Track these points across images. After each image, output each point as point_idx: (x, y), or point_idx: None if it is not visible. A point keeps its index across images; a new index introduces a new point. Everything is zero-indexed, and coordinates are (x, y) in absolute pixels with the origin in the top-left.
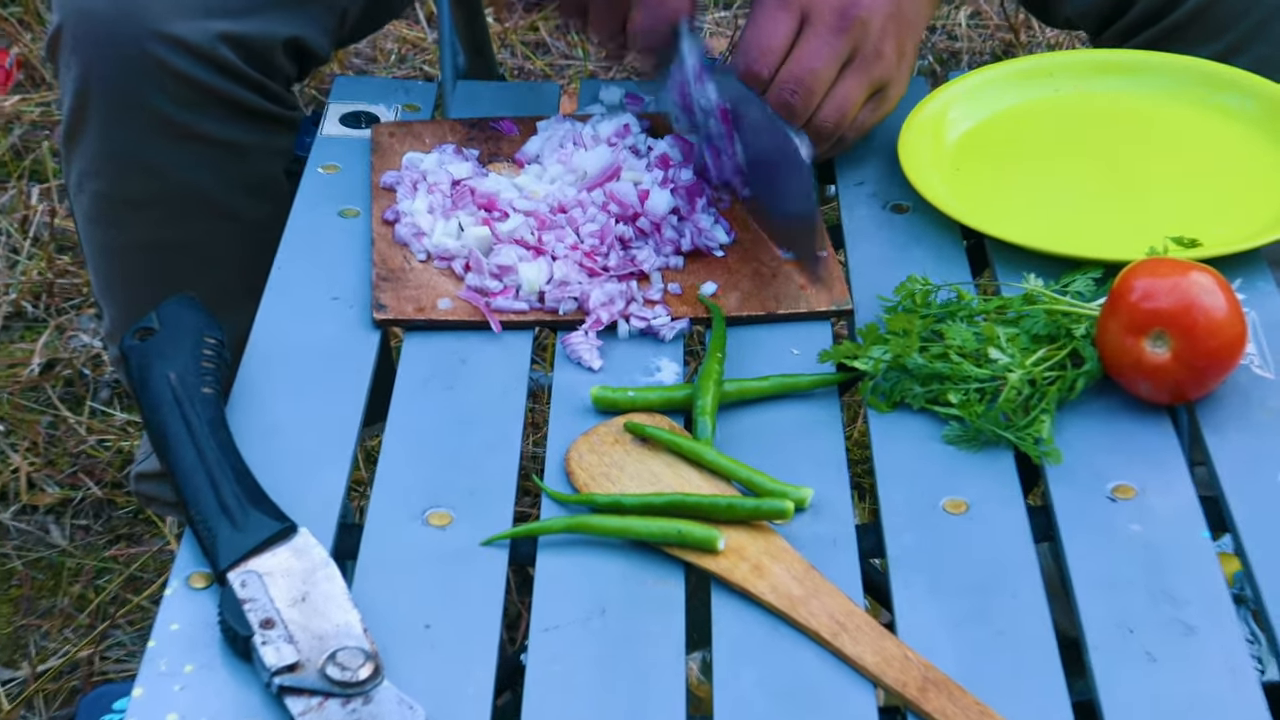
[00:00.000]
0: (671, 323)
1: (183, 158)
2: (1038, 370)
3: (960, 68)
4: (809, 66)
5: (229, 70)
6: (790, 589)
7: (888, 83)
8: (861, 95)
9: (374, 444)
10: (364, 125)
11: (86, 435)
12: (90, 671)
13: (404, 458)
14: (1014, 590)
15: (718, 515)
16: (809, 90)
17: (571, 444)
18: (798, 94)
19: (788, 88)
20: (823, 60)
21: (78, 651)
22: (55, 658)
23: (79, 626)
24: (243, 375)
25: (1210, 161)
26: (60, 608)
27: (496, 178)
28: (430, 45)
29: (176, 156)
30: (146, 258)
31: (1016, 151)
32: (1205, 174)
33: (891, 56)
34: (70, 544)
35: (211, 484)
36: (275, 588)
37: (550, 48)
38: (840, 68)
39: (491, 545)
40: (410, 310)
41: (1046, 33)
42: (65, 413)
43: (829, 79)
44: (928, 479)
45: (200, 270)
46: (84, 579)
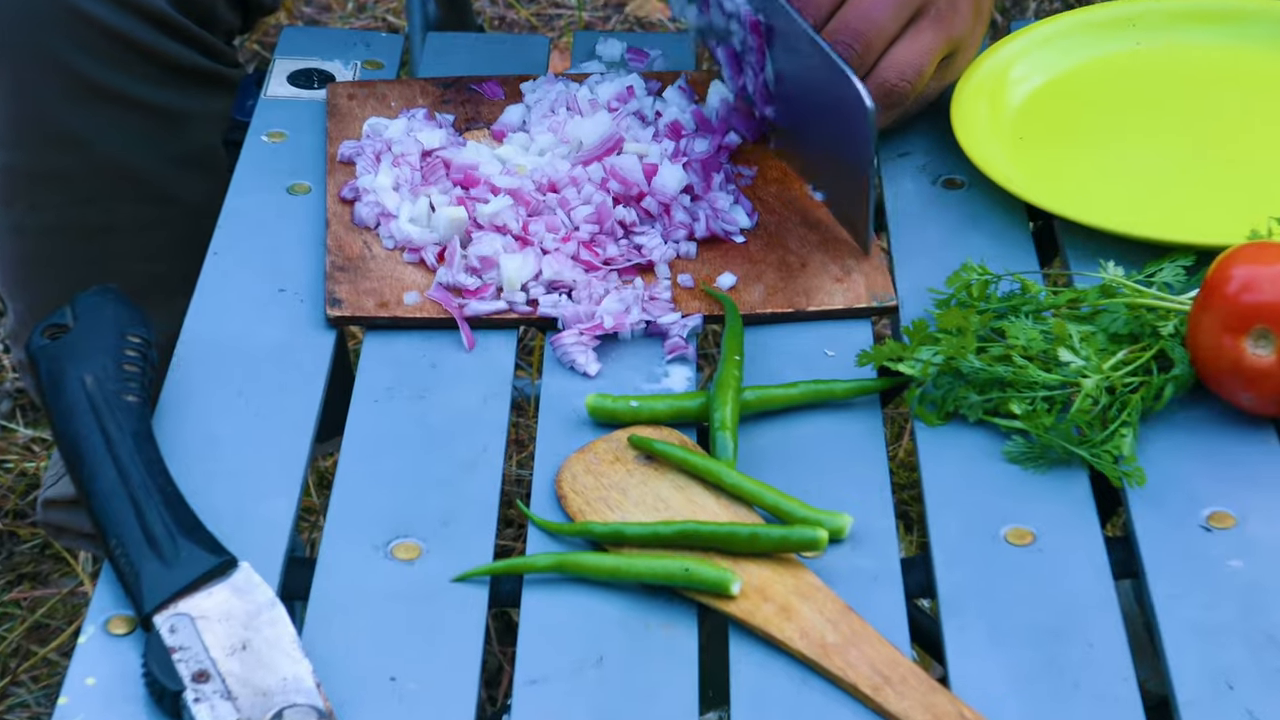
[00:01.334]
0: (682, 320)
1: (105, 125)
2: (1117, 376)
3: (1026, 17)
4: (868, 15)
5: (161, 21)
6: (824, 635)
7: (960, 46)
8: (933, 56)
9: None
10: (316, 85)
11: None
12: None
13: (364, 480)
14: (1089, 638)
15: (738, 547)
16: (867, 43)
17: (563, 464)
18: (853, 46)
19: (842, 38)
20: (884, 9)
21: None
22: None
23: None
24: (172, 381)
25: None
26: None
27: (477, 148)
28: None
29: (98, 124)
30: (60, 243)
31: (1092, 116)
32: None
33: (967, 14)
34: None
35: (135, 510)
36: (211, 634)
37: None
38: (906, 21)
39: (467, 582)
40: (371, 306)
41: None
42: None
43: (891, 33)
44: (986, 504)
45: (124, 257)
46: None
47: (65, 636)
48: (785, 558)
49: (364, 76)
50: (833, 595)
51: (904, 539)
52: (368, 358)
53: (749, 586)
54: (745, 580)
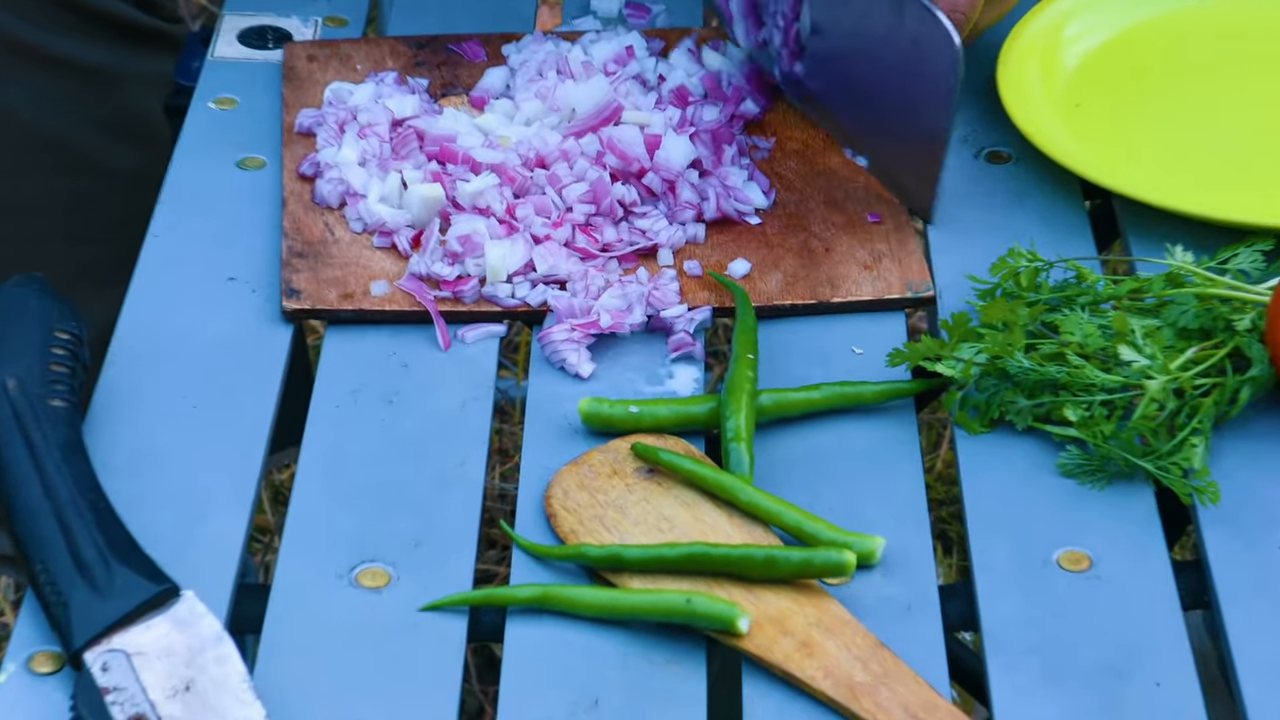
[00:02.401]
0: (689, 313)
1: (30, 89)
2: (1186, 377)
3: None
4: None
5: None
6: (851, 673)
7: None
8: None
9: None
10: (271, 45)
11: None
12: None
13: (325, 496)
14: (1155, 676)
15: (753, 572)
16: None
17: (553, 478)
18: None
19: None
20: None
21: None
22: None
23: None
24: (106, 382)
25: None
26: None
27: (455, 116)
28: None
29: (21, 88)
30: None
31: (1157, 80)
32: None
33: None
34: None
35: (63, 531)
36: (149, 672)
37: None
38: None
39: (443, 613)
40: (333, 297)
41: None
42: None
43: None
44: (1036, 525)
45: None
46: None
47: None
48: (807, 585)
49: (326, 35)
50: (861, 628)
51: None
52: (330, 356)
53: (765, 618)
54: (761, 611)
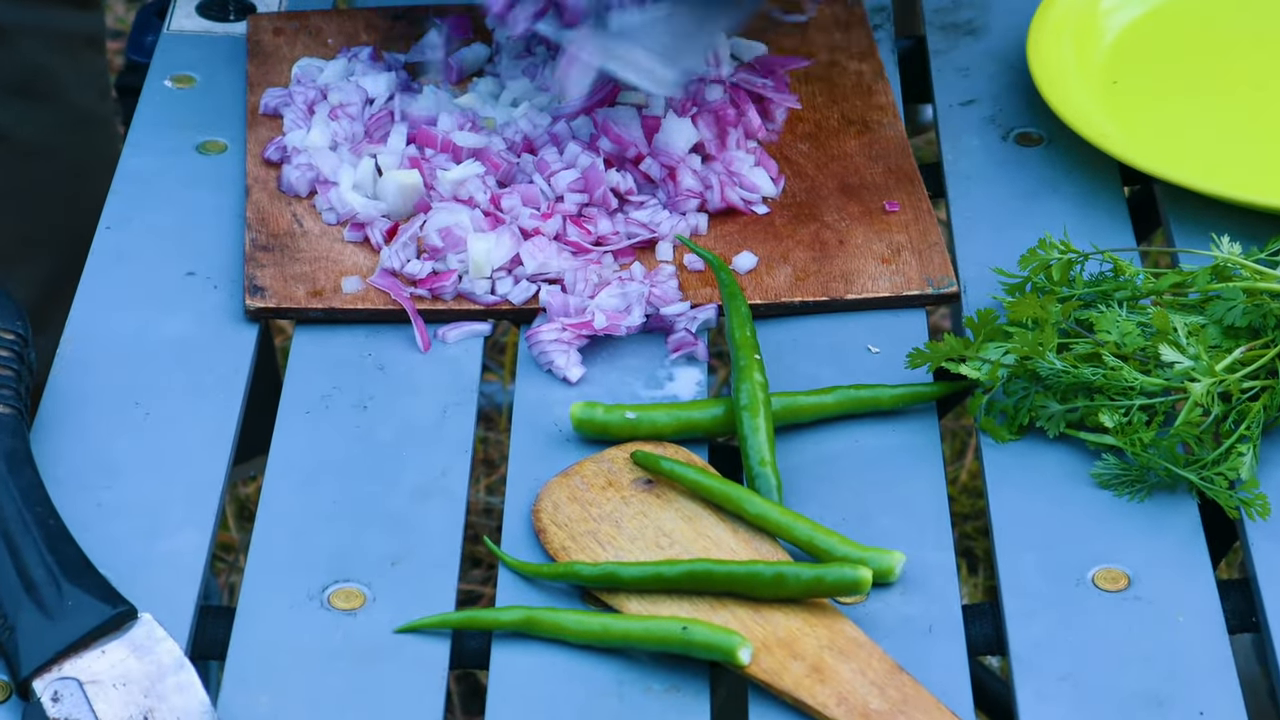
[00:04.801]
0: (691, 311)
1: None
2: (1233, 379)
3: None
4: None
5: None
6: (866, 700)
7: None
8: None
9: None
10: (233, 17)
11: None
12: None
13: (294, 510)
14: (1199, 705)
15: (760, 591)
16: None
17: (542, 490)
18: None
19: None
20: None
21: None
22: None
23: None
24: (55, 388)
25: None
26: None
27: (434, 95)
28: None
29: None
30: None
31: (1201, 57)
32: None
33: None
34: None
35: (8, 549)
36: (104, 702)
37: None
38: None
39: (423, 637)
40: (301, 294)
41: None
42: None
43: None
44: (1069, 540)
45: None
46: None
47: None
48: (819, 605)
49: (293, 7)
50: (878, 651)
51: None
52: (298, 358)
53: (774, 641)
54: (770, 633)
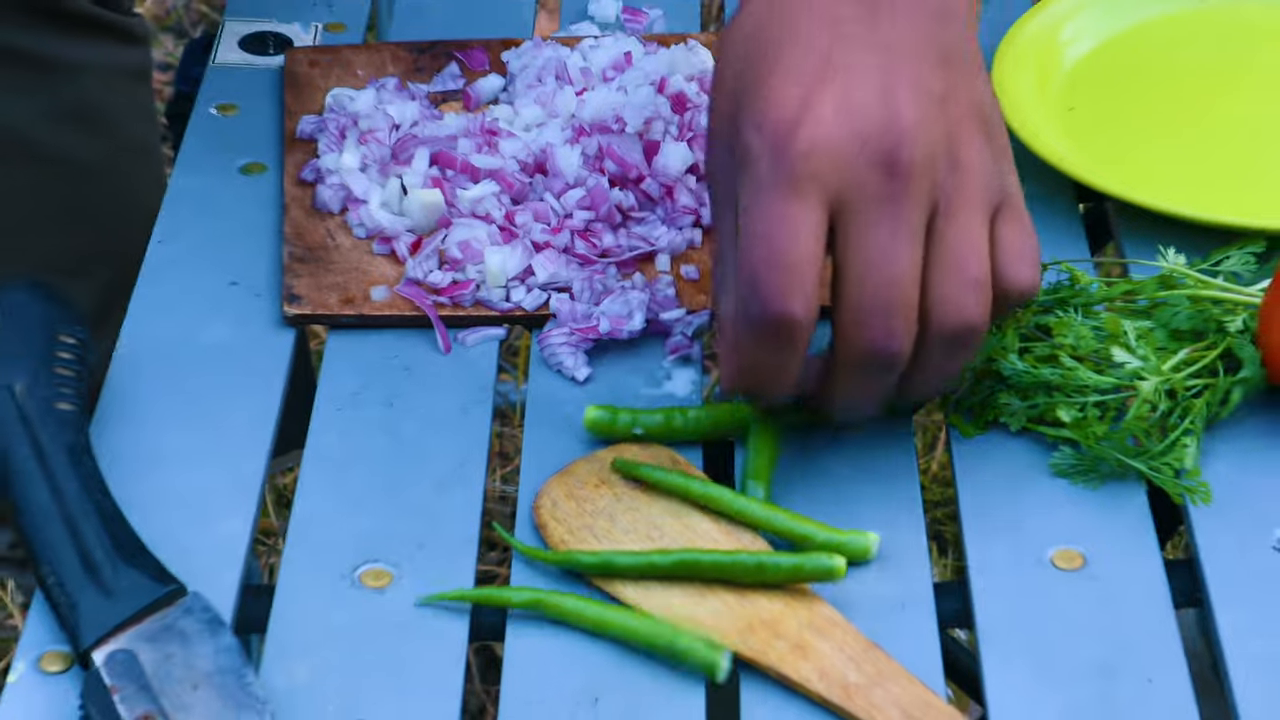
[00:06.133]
0: (687, 317)
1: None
2: (1179, 378)
3: None
4: (885, 275)
5: None
6: (845, 674)
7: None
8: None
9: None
10: (272, 50)
11: None
12: None
13: (328, 498)
14: (1147, 674)
15: (744, 578)
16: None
17: (541, 488)
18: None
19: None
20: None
21: None
22: None
23: None
24: (112, 387)
25: None
26: None
27: (455, 121)
28: None
29: None
30: None
31: (1152, 84)
32: None
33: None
34: None
35: (71, 533)
36: (156, 671)
37: None
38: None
39: (446, 613)
40: (334, 302)
41: None
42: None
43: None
44: (1030, 524)
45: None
46: None
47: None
48: (798, 589)
49: (326, 41)
50: (853, 630)
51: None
52: (331, 360)
53: (758, 621)
54: (754, 615)
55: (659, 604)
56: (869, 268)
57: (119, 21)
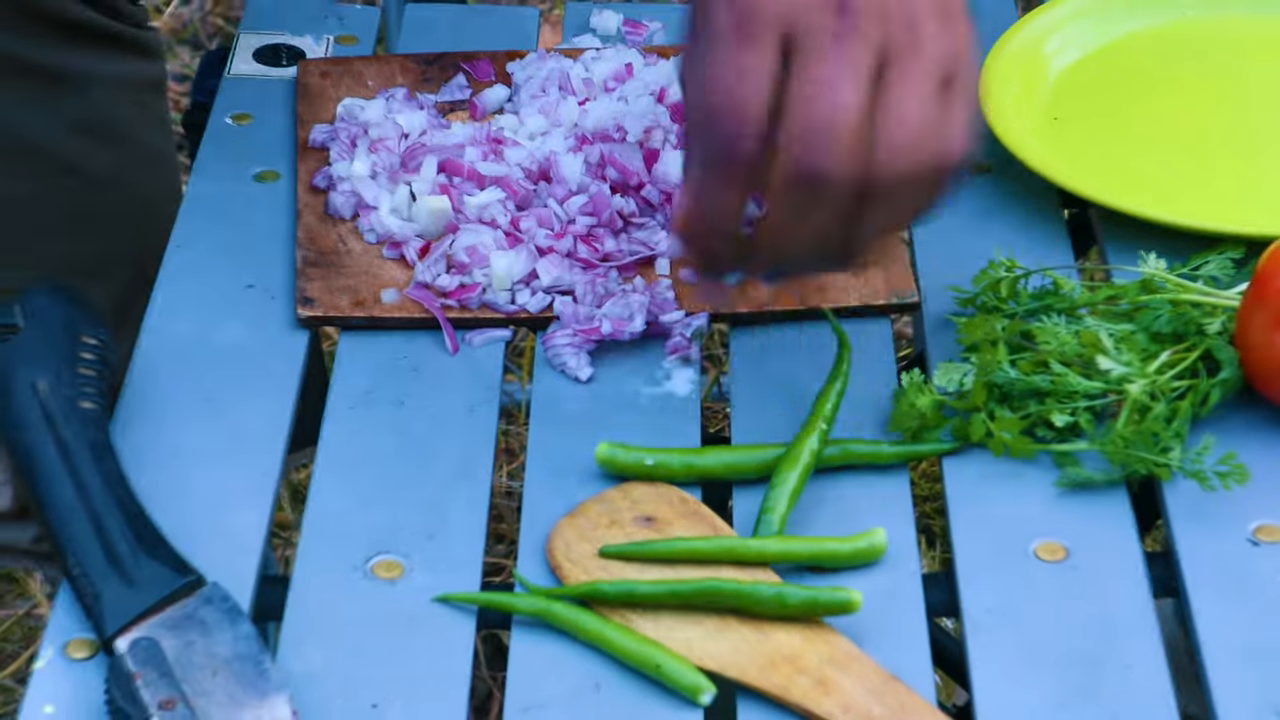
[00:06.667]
0: (686, 319)
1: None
2: (1163, 380)
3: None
4: (828, 102)
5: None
6: (869, 709)
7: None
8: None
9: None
10: (285, 62)
11: None
12: None
13: (341, 492)
14: (1127, 661)
15: (763, 609)
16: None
17: (553, 530)
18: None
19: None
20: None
21: None
22: None
23: None
24: (132, 386)
25: None
26: None
27: (462, 130)
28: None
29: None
30: None
31: (1133, 95)
32: None
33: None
34: None
35: (95, 526)
36: (177, 658)
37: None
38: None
39: (455, 604)
40: (346, 304)
41: None
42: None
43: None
44: (1014, 517)
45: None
46: None
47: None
48: (815, 623)
49: (337, 52)
50: (872, 663)
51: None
52: (344, 360)
53: (779, 657)
54: (775, 650)
55: (679, 640)
56: (814, 94)
57: (132, 35)
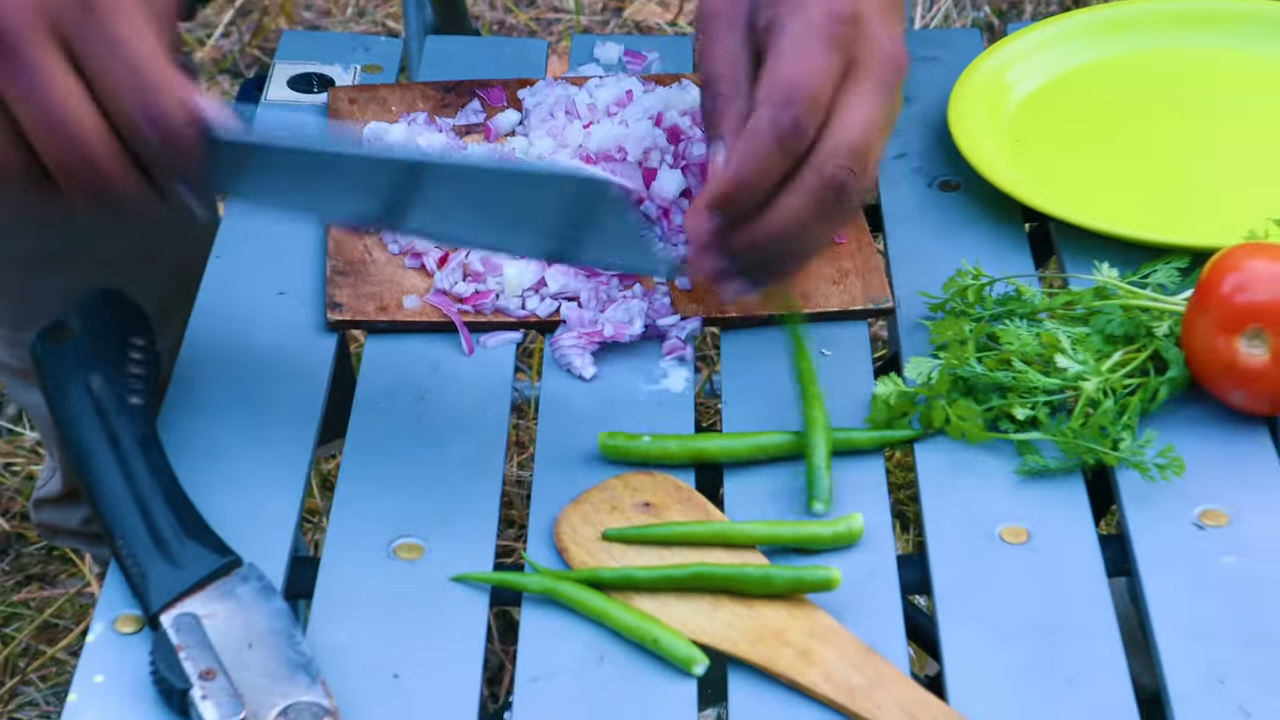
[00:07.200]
0: (680, 322)
1: None
2: (1115, 378)
3: (1023, 19)
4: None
5: None
6: (848, 678)
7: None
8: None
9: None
10: (317, 89)
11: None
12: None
13: (366, 481)
14: (1084, 634)
15: (751, 589)
16: (864, 165)
17: (560, 515)
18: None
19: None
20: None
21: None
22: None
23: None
24: (175, 383)
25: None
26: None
27: (477, 150)
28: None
29: None
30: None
31: (1088, 119)
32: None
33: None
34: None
35: (141, 512)
36: (216, 632)
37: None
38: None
39: (470, 583)
40: (371, 309)
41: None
42: None
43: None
44: (981, 503)
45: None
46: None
47: (73, 636)
48: (799, 600)
49: (364, 80)
50: (851, 637)
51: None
52: (369, 361)
53: (767, 631)
54: (763, 624)
55: (674, 616)
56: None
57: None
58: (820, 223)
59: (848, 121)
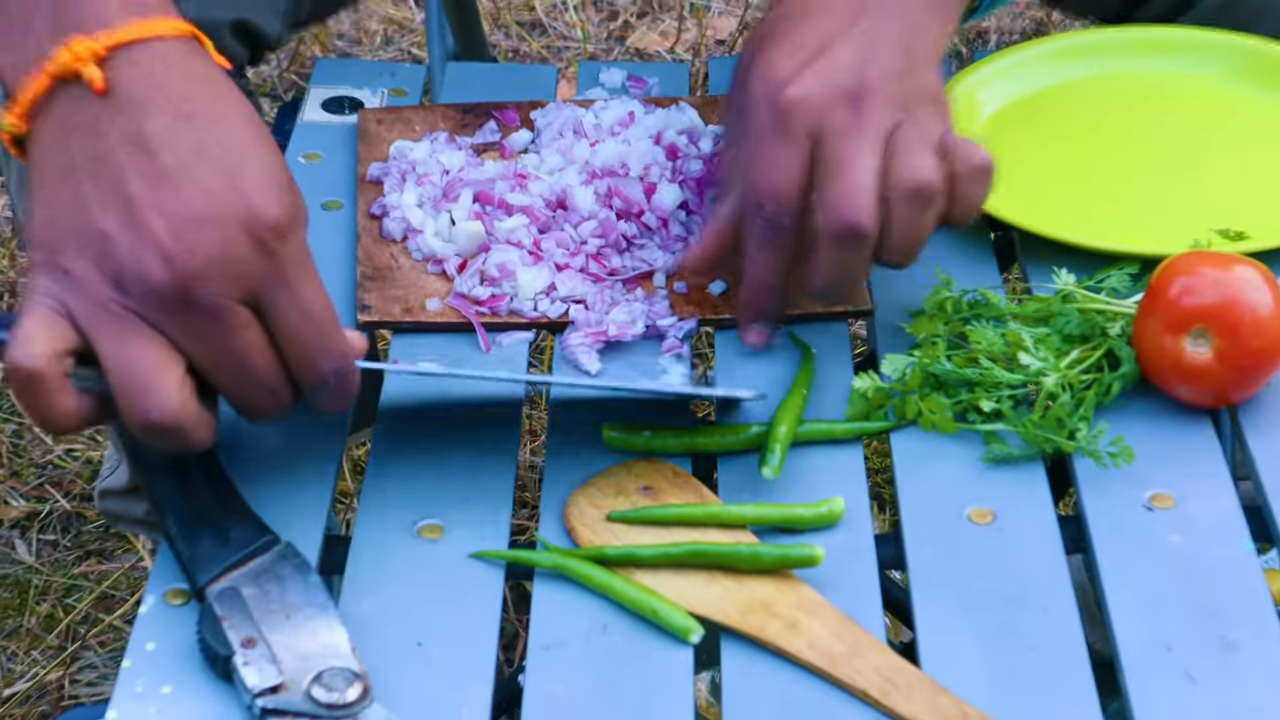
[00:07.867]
0: (679, 323)
1: None
2: (1073, 374)
3: (988, 48)
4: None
5: None
6: (830, 646)
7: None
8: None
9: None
10: (348, 111)
11: (54, 445)
12: (60, 695)
13: (393, 466)
14: (1044, 605)
15: (742, 565)
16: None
17: (569, 498)
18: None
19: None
20: (863, 156)
21: (46, 674)
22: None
23: (47, 648)
24: None
25: (1260, 148)
26: (27, 628)
27: (493, 166)
28: (418, 25)
29: None
30: None
31: (1049, 137)
32: (1255, 162)
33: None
34: (37, 560)
35: (190, 494)
36: (257, 604)
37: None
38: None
39: (486, 559)
40: (397, 311)
41: None
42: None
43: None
44: (951, 486)
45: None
46: (52, 597)
47: (128, 606)
48: (786, 575)
49: (390, 103)
50: (833, 609)
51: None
52: (395, 357)
53: (757, 603)
54: (753, 597)
55: (672, 590)
56: (841, 166)
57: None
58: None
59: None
